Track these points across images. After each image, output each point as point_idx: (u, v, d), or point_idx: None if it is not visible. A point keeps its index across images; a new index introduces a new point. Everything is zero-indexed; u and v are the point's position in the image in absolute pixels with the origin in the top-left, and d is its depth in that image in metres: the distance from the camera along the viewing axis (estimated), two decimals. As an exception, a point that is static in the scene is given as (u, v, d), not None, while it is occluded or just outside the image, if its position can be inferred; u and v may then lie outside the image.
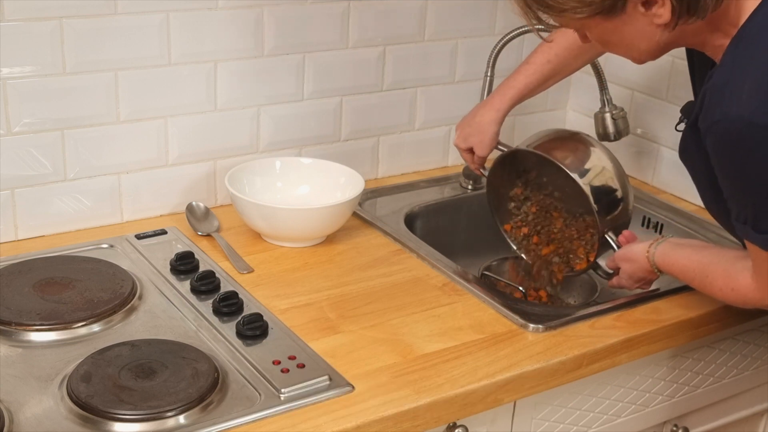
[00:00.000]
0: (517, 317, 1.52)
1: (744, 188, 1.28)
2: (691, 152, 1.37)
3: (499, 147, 1.82)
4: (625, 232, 1.67)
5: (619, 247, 1.66)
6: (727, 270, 1.42)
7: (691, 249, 1.52)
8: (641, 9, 1.26)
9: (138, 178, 1.75)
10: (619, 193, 1.68)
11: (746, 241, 1.34)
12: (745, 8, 1.27)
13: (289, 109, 1.87)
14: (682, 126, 1.42)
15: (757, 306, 1.43)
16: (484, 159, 1.85)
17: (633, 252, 1.60)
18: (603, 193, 1.67)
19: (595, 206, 1.65)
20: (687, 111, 1.42)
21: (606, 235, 1.69)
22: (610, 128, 1.91)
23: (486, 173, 1.85)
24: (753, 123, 1.19)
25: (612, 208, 1.68)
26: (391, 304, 1.56)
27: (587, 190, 1.65)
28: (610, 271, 1.68)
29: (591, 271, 1.82)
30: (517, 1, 1.32)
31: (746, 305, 1.45)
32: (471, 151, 1.84)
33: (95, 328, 1.43)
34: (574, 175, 1.65)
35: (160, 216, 1.79)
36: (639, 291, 1.66)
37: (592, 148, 1.69)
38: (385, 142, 2.03)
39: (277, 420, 1.26)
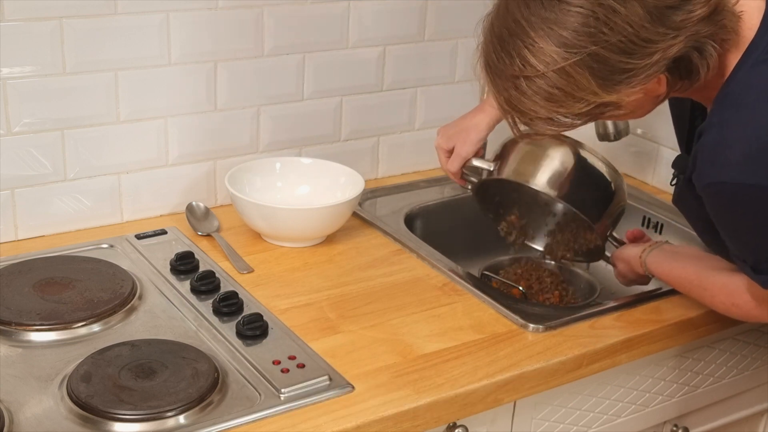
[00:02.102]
0: (517, 317, 1.52)
1: (743, 240, 1.32)
2: (687, 201, 1.39)
3: (477, 163, 1.72)
4: (634, 231, 1.68)
5: (621, 244, 1.68)
6: (726, 285, 1.44)
7: (685, 259, 1.54)
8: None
9: (138, 178, 1.75)
10: (612, 186, 1.67)
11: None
12: (729, 60, 1.26)
13: (289, 109, 1.87)
14: (675, 180, 1.45)
15: (759, 321, 1.45)
16: (462, 160, 1.73)
17: (627, 254, 1.63)
18: (595, 196, 1.66)
19: (588, 220, 1.65)
20: (679, 166, 1.44)
21: (608, 238, 1.69)
22: (610, 128, 1.90)
23: (467, 183, 1.78)
24: (744, 184, 1.21)
25: (607, 203, 1.67)
26: (391, 304, 1.56)
27: (575, 207, 1.65)
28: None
29: (591, 272, 1.82)
30: (495, 98, 1.28)
31: (748, 320, 1.48)
32: (450, 152, 1.75)
33: (95, 328, 1.43)
34: (560, 200, 1.65)
35: (160, 216, 1.79)
36: (639, 291, 1.66)
37: (577, 150, 1.67)
38: (385, 142, 2.03)
39: (277, 420, 1.26)
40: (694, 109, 1.42)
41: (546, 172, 1.64)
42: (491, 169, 1.70)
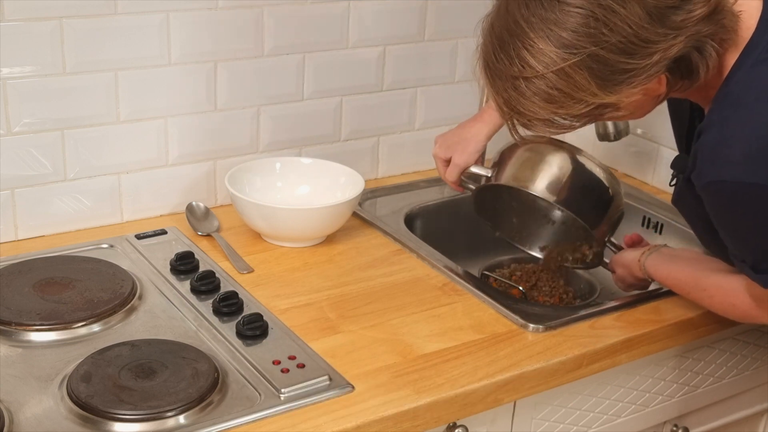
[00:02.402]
0: (517, 317, 1.52)
1: (742, 239, 1.32)
2: (687, 201, 1.39)
3: (475, 170, 1.72)
4: (632, 235, 1.68)
5: (620, 249, 1.68)
6: (724, 285, 1.44)
7: (684, 261, 1.54)
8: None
9: (138, 178, 1.75)
10: (610, 192, 1.67)
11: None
12: (727, 60, 1.26)
13: (289, 109, 1.87)
14: (674, 181, 1.45)
15: (757, 322, 1.45)
16: (460, 170, 1.73)
17: (626, 259, 1.63)
18: (593, 201, 1.66)
19: (586, 226, 1.65)
20: (678, 166, 1.44)
21: (607, 243, 1.69)
22: (610, 128, 1.90)
23: (464, 189, 1.77)
24: (745, 183, 1.21)
25: (605, 209, 1.67)
26: (391, 304, 1.56)
27: (573, 213, 1.65)
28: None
29: (591, 272, 1.82)
30: (494, 100, 1.28)
31: (746, 321, 1.47)
32: (448, 161, 1.74)
33: (95, 328, 1.43)
34: (557, 205, 1.65)
35: (160, 216, 1.79)
36: (639, 291, 1.66)
37: (575, 156, 1.67)
38: (385, 142, 2.03)
39: (277, 420, 1.26)
40: (693, 109, 1.42)
41: (544, 178, 1.64)
42: (489, 175, 1.70)
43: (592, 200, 1.66)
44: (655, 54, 1.17)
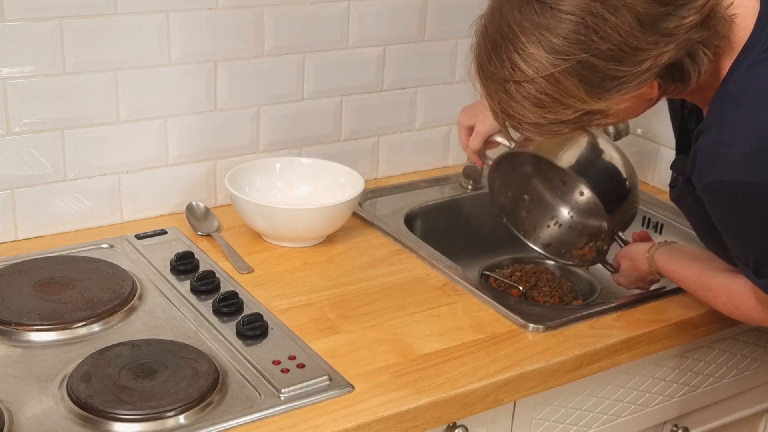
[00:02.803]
0: (517, 317, 1.52)
1: (743, 239, 1.32)
2: (687, 202, 1.39)
3: (499, 138, 1.75)
4: (641, 233, 1.68)
5: (626, 243, 1.68)
6: (728, 286, 1.44)
7: (692, 259, 1.53)
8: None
9: (138, 178, 1.75)
10: (627, 184, 1.67)
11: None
12: (723, 61, 1.27)
13: (289, 109, 1.87)
14: (675, 183, 1.45)
15: (760, 325, 1.45)
16: (483, 137, 1.75)
17: (633, 251, 1.62)
18: (610, 188, 1.66)
19: (602, 208, 1.65)
20: (678, 168, 1.44)
21: (615, 235, 1.69)
22: (611, 128, 1.90)
23: (483, 162, 1.80)
24: (745, 182, 1.21)
25: (620, 200, 1.67)
26: (391, 304, 1.56)
27: (597, 197, 1.65)
28: (614, 269, 1.69)
29: (591, 272, 1.82)
30: (487, 101, 1.28)
31: (749, 323, 1.47)
32: (471, 130, 1.77)
33: (95, 328, 1.43)
34: (581, 180, 1.66)
35: (160, 216, 1.79)
36: (639, 291, 1.66)
37: (597, 140, 1.68)
38: (385, 142, 2.03)
39: (277, 420, 1.26)
40: (684, 113, 1.42)
41: (569, 154, 1.64)
42: (512, 146, 1.70)
43: (611, 187, 1.66)
44: (645, 61, 1.17)
